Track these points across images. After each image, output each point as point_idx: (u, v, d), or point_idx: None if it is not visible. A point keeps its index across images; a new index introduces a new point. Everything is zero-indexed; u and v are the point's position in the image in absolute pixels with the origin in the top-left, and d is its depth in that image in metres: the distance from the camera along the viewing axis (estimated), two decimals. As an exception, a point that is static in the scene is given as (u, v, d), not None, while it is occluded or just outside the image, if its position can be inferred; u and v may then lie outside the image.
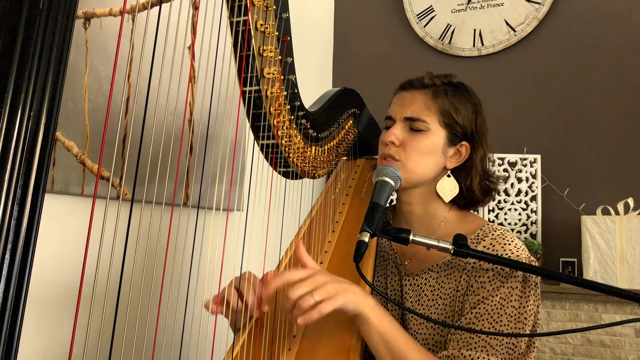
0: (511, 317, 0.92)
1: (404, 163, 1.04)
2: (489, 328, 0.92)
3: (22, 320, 0.44)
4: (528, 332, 0.93)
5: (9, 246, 0.43)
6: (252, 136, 1.01)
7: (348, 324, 0.92)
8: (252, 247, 0.98)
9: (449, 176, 1.07)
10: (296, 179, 1.16)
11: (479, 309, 0.94)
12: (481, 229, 1.04)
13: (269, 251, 1.03)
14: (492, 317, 0.93)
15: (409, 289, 1.06)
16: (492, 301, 0.94)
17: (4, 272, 0.43)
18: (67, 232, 1.23)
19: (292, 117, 1.03)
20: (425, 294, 1.03)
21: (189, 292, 0.87)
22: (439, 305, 1.01)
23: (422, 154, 1.04)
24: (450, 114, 1.04)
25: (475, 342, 0.91)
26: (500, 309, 0.93)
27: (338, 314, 0.87)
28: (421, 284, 1.04)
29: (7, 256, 0.43)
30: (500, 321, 0.92)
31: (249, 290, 0.93)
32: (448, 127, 1.04)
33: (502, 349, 0.90)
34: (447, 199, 1.06)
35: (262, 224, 1.05)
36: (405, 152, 1.04)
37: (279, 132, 1.01)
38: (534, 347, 0.93)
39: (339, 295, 0.84)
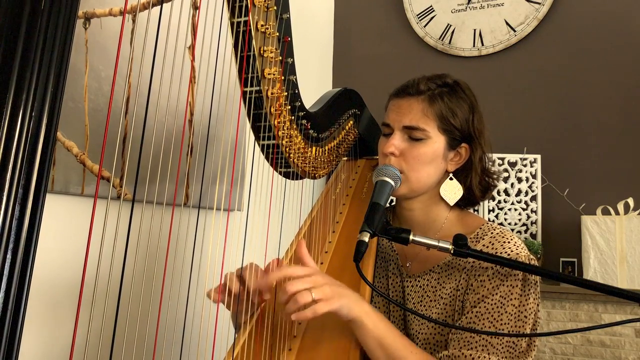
0: (511, 315, 0.93)
1: (407, 175, 1.03)
2: (489, 327, 0.92)
3: (24, 321, 0.45)
4: (528, 330, 0.93)
5: (11, 246, 0.43)
6: (252, 136, 1.02)
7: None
8: (252, 247, 0.98)
9: (451, 179, 1.07)
10: (297, 179, 1.16)
11: (480, 307, 0.94)
12: (480, 228, 1.04)
13: (270, 251, 1.03)
14: (492, 315, 0.93)
15: (411, 290, 1.06)
16: (492, 300, 0.94)
17: (6, 272, 0.43)
18: (67, 232, 1.23)
19: (293, 117, 1.03)
20: (427, 295, 1.03)
21: (189, 292, 0.87)
22: (441, 305, 1.01)
23: (424, 163, 1.03)
24: (448, 119, 1.03)
25: (476, 342, 0.91)
26: (501, 307, 0.93)
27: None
28: (423, 285, 1.04)
29: (9, 256, 0.43)
30: (501, 320, 0.92)
31: (251, 278, 0.94)
32: (447, 133, 1.03)
33: (502, 348, 0.90)
34: (452, 202, 1.06)
35: (262, 224, 1.05)
36: (407, 162, 1.03)
37: (280, 133, 1.01)
38: (535, 346, 0.93)
39: (334, 298, 0.84)
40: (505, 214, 2.37)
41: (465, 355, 0.90)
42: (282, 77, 0.97)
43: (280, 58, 0.95)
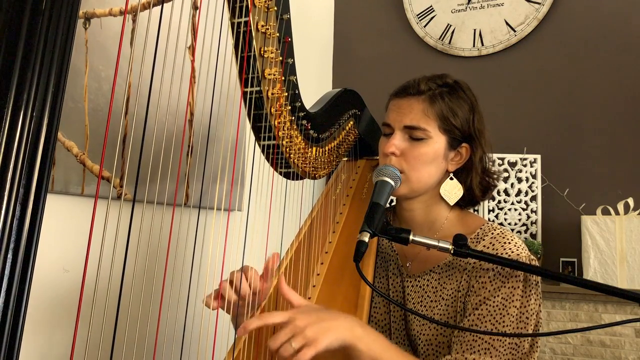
0: (513, 317, 0.92)
1: (407, 175, 1.03)
2: (491, 330, 0.92)
3: (24, 321, 0.45)
4: (530, 331, 0.93)
5: (12, 246, 0.43)
6: (253, 137, 1.02)
7: None
8: (252, 247, 0.98)
9: (451, 179, 1.07)
10: (297, 179, 1.16)
11: (481, 310, 0.94)
12: (481, 228, 1.04)
13: (270, 251, 1.03)
14: (494, 318, 0.93)
15: (411, 291, 1.06)
16: (493, 302, 0.94)
17: (7, 273, 0.43)
18: (67, 232, 1.23)
19: (293, 117, 1.03)
20: (427, 295, 1.03)
21: (189, 291, 0.88)
22: (441, 306, 1.01)
23: (425, 163, 1.03)
24: (449, 119, 1.03)
25: (479, 345, 0.91)
26: (503, 309, 0.93)
27: (340, 309, 0.88)
28: (423, 285, 1.04)
29: (10, 256, 0.43)
30: (503, 322, 0.92)
31: (244, 283, 0.93)
32: (447, 132, 1.03)
33: (505, 350, 0.90)
34: (452, 201, 1.06)
35: (262, 224, 1.05)
36: (408, 162, 1.03)
37: (280, 133, 1.01)
38: (537, 347, 0.93)
39: (319, 338, 0.79)
40: (505, 214, 2.37)
41: (467, 359, 0.90)
42: (283, 78, 0.97)
43: (281, 58, 0.95)
